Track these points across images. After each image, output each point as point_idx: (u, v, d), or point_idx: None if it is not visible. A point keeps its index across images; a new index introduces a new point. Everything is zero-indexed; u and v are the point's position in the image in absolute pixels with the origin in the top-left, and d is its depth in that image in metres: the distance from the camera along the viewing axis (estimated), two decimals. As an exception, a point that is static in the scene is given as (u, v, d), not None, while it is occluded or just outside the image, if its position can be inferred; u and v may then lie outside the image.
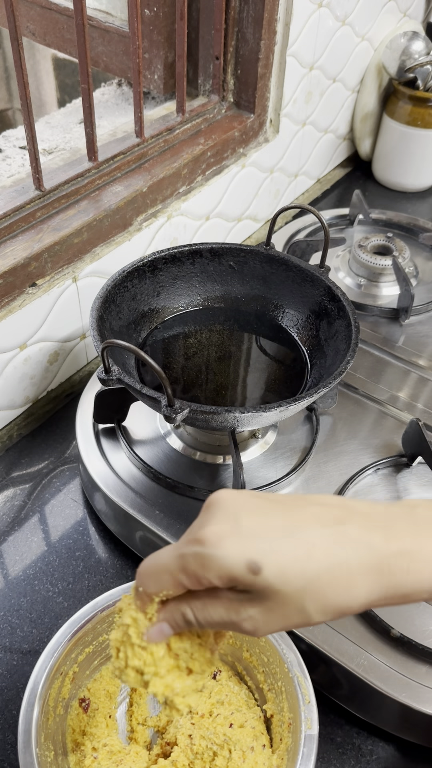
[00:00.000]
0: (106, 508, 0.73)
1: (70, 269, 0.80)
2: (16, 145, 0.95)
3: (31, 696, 0.53)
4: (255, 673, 0.60)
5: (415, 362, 0.89)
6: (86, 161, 0.83)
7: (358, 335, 0.69)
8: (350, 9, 1.09)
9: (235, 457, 0.68)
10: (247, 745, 0.54)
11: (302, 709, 0.53)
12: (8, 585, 0.70)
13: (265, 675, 0.59)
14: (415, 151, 1.24)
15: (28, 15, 1.01)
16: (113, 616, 0.59)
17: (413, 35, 1.20)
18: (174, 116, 0.94)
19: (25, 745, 0.50)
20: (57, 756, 0.53)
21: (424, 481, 0.74)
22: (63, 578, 0.70)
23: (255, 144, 1.04)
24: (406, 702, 0.56)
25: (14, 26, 0.67)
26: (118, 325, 0.73)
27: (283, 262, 0.79)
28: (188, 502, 0.71)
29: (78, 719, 0.58)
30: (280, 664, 0.56)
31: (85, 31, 0.74)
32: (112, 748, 0.56)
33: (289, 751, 0.53)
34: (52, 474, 0.80)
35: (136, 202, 0.85)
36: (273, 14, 0.93)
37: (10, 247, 0.74)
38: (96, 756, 0.55)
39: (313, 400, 0.65)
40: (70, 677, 0.57)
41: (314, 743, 0.51)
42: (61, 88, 1.60)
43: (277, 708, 0.57)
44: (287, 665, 0.55)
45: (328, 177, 1.33)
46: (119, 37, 0.94)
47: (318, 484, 0.73)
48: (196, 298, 0.82)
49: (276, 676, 0.57)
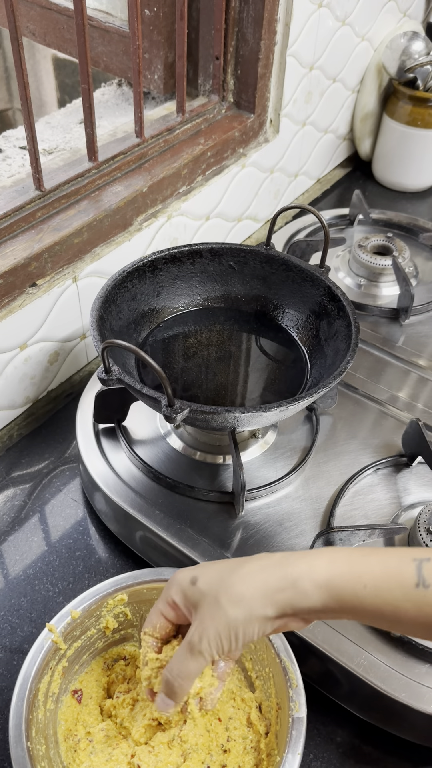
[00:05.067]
0: (106, 508, 0.73)
1: (70, 269, 0.80)
2: (16, 145, 0.95)
3: (21, 691, 0.53)
4: (243, 660, 0.61)
5: (415, 362, 0.89)
6: (86, 161, 0.83)
7: (358, 335, 0.69)
8: (350, 9, 1.09)
9: (235, 457, 0.68)
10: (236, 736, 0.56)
11: (290, 693, 0.54)
12: (8, 585, 0.70)
13: (253, 662, 0.60)
14: (415, 151, 1.24)
15: (28, 15, 1.01)
16: (101, 611, 0.59)
17: (413, 35, 1.20)
18: (174, 116, 0.94)
19: (16, 740, 0.51)
20: (49, 750, 0.53)
21: (424, 481, 0.75)
22: (63, 578, 0.70)
23: (255, 144, 1.04)
24: (406, 702, 0.56)
25: (14, 26, 0.67)
26: (118, 325, 0.73)
27: (283, 262, 0.79)
28: (188, 502, 0.71)
29: (71, 711, 0.58)
30: (267, 650, 0.57)
31: (85, 31, 0.74)
32: (109, 733, 0.57)
33: (278, 734, 0.54)
34: (53, 474, 0.80)
35: (136, 202, 0.85)
36: (273, 14, 0.93)
37: (11, 247, 0.74)
38: (91, 740, 0.56)
39: (313, 400, 0.65)
40: (59, 672, 0.57)
41: (303, 726, 0.52)
42: (61, 88, 1.60)
43: (265, 695, 0.58)
44: (274, 651, 0.56)
45: (328, 177, 1.33)
46: (119, 37, 0.94)
47: (318, 484, 0.73)
48: (196, 298, 0.82)
49: (263, 662, 0.58)
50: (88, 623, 0.59)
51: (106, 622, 0.60)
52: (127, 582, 0.60)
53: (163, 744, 0.55)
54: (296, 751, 0.51)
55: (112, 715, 0.58)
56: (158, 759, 0.54)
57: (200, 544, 0.67)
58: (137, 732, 0.56)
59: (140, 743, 0.56)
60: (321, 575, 0.46)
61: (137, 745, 0.56)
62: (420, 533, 0.65)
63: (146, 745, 0.55)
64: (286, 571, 0.47)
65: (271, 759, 0.54)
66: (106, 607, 0.60)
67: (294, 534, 0.69)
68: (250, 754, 0.56)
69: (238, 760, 0.55)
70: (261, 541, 0.68)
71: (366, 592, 0.45)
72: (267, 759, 0.55)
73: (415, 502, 0.72)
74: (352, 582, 0.46)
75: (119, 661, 0.62)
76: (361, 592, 0.45)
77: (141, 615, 0.62)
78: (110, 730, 0.57)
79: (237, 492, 0.68)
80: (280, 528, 0.69)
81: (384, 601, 0.45)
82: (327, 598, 0.46)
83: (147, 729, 0.56)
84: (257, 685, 0.59)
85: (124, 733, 0.57)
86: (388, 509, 0.71)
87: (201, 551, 0.66)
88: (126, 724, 0.57)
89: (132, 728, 0.56)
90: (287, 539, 0.68)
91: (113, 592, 0.60)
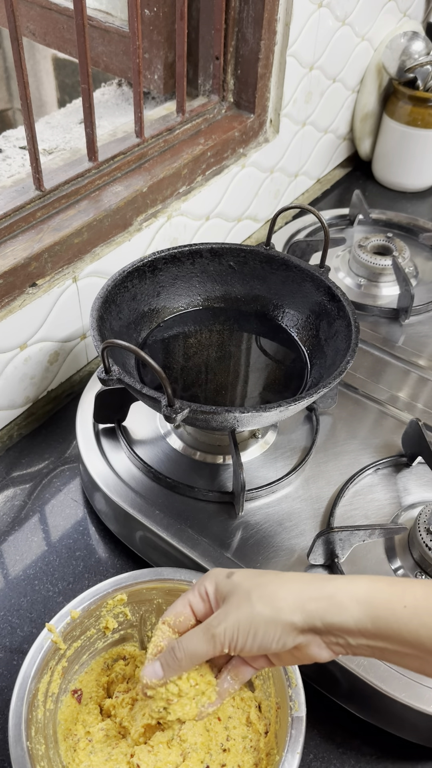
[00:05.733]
0: (106, 508, 0.73)
1: (70, 269, 0.80)
2: (16, 145, 0.95)
3: (21, 691, 0.53)
4: None
5: (415, 362, 0.89)
6: (86, 161, 0.83)
7: (358, 335, 0.69)
8: (350, 9, 1.09)
9: (235, 457, 0.68)
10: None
11: (289, 693, 0.54)
12: (8, 585, 0.70)
13: None
14: (415, 151, 1.24)
15: (28, 15, 1.01)
16: (100, 611, 0.59)
17: (413, 35, 1.20)
18: (174, 116, 0.94)
19: (15, 739, 0.51)
20: (48, 749, 0.53)
21: (424, 481, 0.75)
22: (63, 578, 0.70)
23: (255, 144, 1.04)
24: (406, 702, 0.56)
25: (14, 26, 0.67)
26: (118, 325, 0.73)
27: (283, 262, 0.79)
28: (188, 502, 0.71)
29: (70, 710, 0.58)
30: None
31: (85, 31, 0.74)
32: (108, 733, 0.57)
33: (278, 733, 0.54)
34: (53, 474, 0.80)
35: (136, 202, 0.85)
36: (273, 14, 0.93)
37: (10, 247, 0.74)
38: (90, 740, 0.56)
39: (313, 400, 0.65)
40: (59, 672, 0.57)
41: (302, 725, 0.52)
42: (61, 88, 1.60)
43: (265, 694, 0.58)
44: None
45: (328, 177, 1.33)
46: (119, 37, 0.94)
47: (318, 484, 0.73)
48: (196, 298, 0.82)
49: None
50: (87, 623, 0.59)
51: (106, 622, 0.60)
52: (127, 582, 0.60)
53: (162, 743, 0.55)
54: (296, 751, 0.51)
55: (112, 714, 0.58)
56: (158, 758, 0.54)
57: (200, 544, 0.67)
58: (137, 731, 0.56)
59: (139, 743, 0.56)
60: (360, 591, 0.45)
61: (136, 745, 0.56)
62: (420, 533, 0.65)
63: (146, 744, 0.55)
64: (325, 584, 0.46)
65: (271, 758, 0.54)
66: (106, 607, 0.60)
67: (294, 534, 0.69)
68: (249, 754, 0.56)
69: (238, 759, 0.55)
70: (261, 541, 0.68)
71: (405, 612, 0.43)
72: (266, 758, 0.55)
73: (415, 502, 0.72)
74: (393, 601, 0.44)
75: (119, 660, 0.62)
76: (399, 612, 0.44)
77: (140, 615, 0.62)
78: (110, 730, 0.57)
79: (237, 492, 0.68)
80: (280, 528, 0.69)
81: (422, 623, 0.43)
82: (363, 616, 0.44)
83: (146, 728, 0.56)
84: (257, 685, 0.59)
85: (123, 732, 0.57)
86: (388, 509, 0.72)
87: (201, 551, 0.66)
88: (125, 724, 0.57)
89: (131, 728, 0.56)
90: (287, 539, 0.68)
91: (113, 592, 0.60)
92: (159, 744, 0.55)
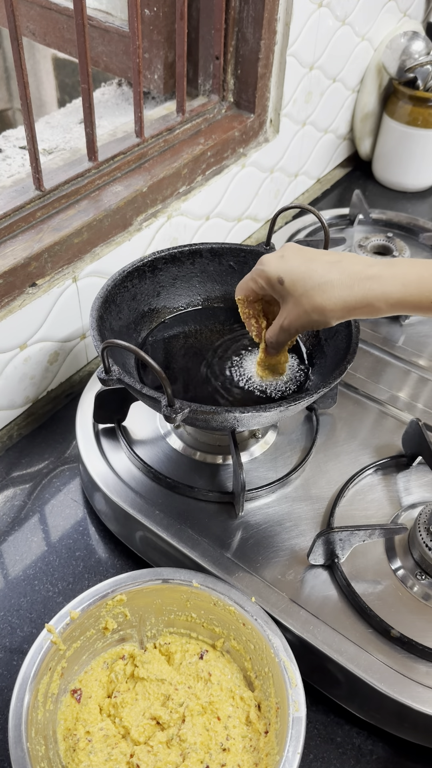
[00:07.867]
0: (106, 508, 0.73)
1: (70, 269, 0.80)
2: (16, 145, 0.95)
3: (21, 691, 0.53)
4: (242, 660, 0.61)
5: (415, 362, 0.89)
6: (86, 161, 0.83)
7: (358, 335, 0.69)
8: (350, 9, 1.09)
9: (235, 457, 0.68)
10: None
11: (289, 693, 0.54)
12: (8, 585, 0.70)
13: (252, 662, 0.60)
14: (415, 151, 1.24)
15: (28, 15, 1.01)
16: (100, 611, 0.60)
17: (413, 35, 1.20)
18: (174, 116, 0.94)
19: (15, 740, 0.51)
20: (48, 750, 0.53)
21: (424, 481, 0.74)
22: (63, 578, 0.70)
23: (255, 144, 1.04)
24: (406, 702, 0.56)
25: (14, 26, 0.67)
26: (118, 325, 0.73)
27: (283, 262, 0.79)
28: (188, 502, 0.71)
29: (70, 710, 0.58)
30: (266, 649, 0.57)
31: (85, 31, 0.74)
32: (108, 733, 0.57)
33: (278, 733, 0.54)
34: (52, 474, 0.80)
35: (136, 202, 0.85)
36: (273, 14, 0.93)
37: (10, 247, 0.74)
38: (90, 740, 0.56)
39: (313, 400, 0.65)
40: (59, 673, 0.57)
41: (302, 725, 0.52)
42: (61, 88, 1.60)
43: (264, 694, 0.58)
44: (273, 650, 0.56)
45: (328, 177, 1.33)
46: (119, 37, 0.94)
47: (318, 484, 0.73)
48: (196, 298, 0.82)
49: (263, 661, 0.58)
50: (87, 624, 0.59)
51: (106, 622, 0.60)
52: (127, 582, 0.60)
53: (162, 743, 0.55)
54: (296, 751, 0.51)
55: (112, 714, 0.58)
56: (157, 758, 0.54)
57: (200, 545, 0.67)
58: (136, 731, 0.56)
59: (139, 743, 0.56)
60: (394, 296, 0.57)
61: (136, 745, 0.56)
62: (420, 533, 0.65)
63: (145, 744, 0.55)
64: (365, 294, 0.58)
65: (271, 758, 0.54)
66: (106, 607, 0.60)
67: (294, 534, 0.69)
68: (249, 753, 0.56)
69: (238, 759, 0.55)
70: (261, 541, 0.68)
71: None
72: (266, 758, 0.55)
73: (415, 502, 0.72)
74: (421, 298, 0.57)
75: (118, 661, 0.62)
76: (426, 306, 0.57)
77: (140, 615, 0.62)
78: (109, 730, 0.57)
79: (237, 492, 0.68)
80: (280, 528, 0.69)
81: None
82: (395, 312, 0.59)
83: (146, 728, 0.56)
84: (256, 685, 0.59)
85: (123, 732, 0.57)
86: (388, 509, 0.71)
87: (201, 551, 0.66)
88: (125, 724, 0.57)
89: (131, 728, 0.56)
90: (287, 539, 0.68)
91: (112, 592, 0.60)
92: (159, 744, 0.55)
